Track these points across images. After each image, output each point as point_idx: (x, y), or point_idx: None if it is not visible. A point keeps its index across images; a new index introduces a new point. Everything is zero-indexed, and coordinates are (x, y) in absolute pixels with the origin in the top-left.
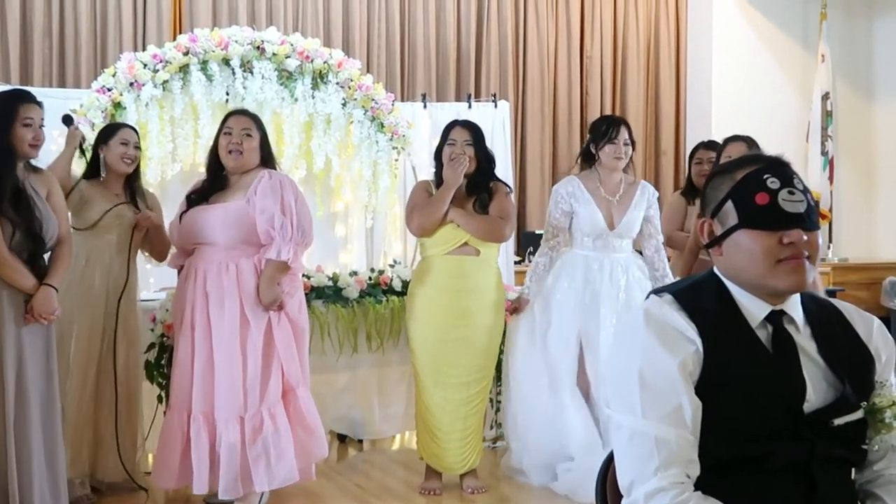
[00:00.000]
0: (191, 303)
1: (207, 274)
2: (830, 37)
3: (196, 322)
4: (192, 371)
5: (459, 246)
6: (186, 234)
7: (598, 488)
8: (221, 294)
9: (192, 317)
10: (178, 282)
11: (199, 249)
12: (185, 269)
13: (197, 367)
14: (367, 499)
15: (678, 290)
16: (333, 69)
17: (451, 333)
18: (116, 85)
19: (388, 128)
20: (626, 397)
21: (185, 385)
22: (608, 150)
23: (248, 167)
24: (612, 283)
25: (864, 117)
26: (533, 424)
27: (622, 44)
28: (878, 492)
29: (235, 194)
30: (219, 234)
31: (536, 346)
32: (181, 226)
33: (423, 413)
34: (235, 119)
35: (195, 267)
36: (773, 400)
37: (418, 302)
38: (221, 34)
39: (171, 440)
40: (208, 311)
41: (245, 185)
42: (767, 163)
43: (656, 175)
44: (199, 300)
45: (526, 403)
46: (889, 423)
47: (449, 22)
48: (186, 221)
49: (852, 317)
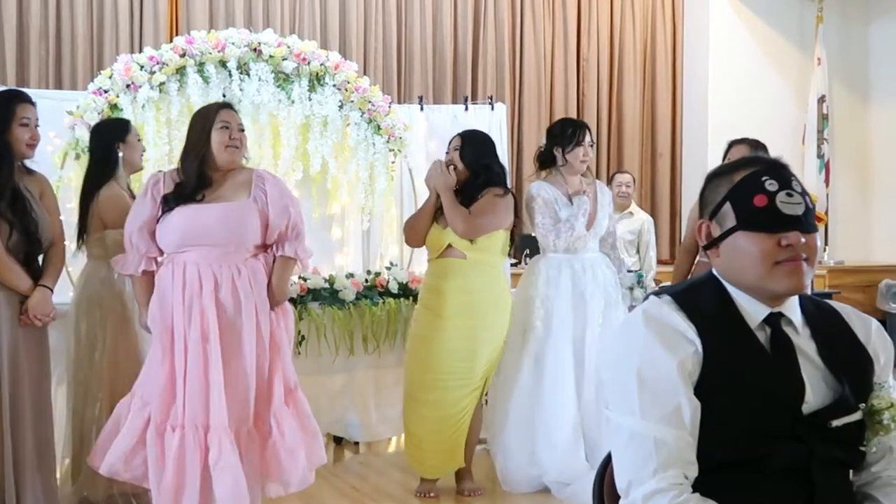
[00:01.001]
0: (197, 310)
1: (220, 279)
2: (827, 40)
3: (190, 329)
4: (183, 382)
5: (444, 249)
6: (180, 235)
7: (595, 489)
8: (238, 300)
9: (186, 324)
10: (162, 287)
11: (196, 251)
12: (173, 273)
13: (196, 377)
14: (363, 501)
15: (677, 292)
16: (330, 71)
17: (437, 334)
18: (113, 87)
19: (385, 130)
20: (625, 398)
21: (167, 395)
22: (577, 152)
23: (239, 164)
24: (595, 284)
25: (860, 120)
26: (525, 437)
27: (619, 46)
28: (875, 494)
29: (235, 193)
30: (225, 234)
31: (532, 356)
32: (170, 227)
33: (407, 416)
34: (229, 113)
35: (195, 271)
36: (772, 401)
37: (420, 303)
38: (218, 36)
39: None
40: (208, 318)
41: (240, 183)
42: (766, 165)
43: (653, 177)
44: (198, 306)
45: (517, 414)
46: (887, 424)
47: (446, 24)
48: (180, 223)
49: (851, 318)
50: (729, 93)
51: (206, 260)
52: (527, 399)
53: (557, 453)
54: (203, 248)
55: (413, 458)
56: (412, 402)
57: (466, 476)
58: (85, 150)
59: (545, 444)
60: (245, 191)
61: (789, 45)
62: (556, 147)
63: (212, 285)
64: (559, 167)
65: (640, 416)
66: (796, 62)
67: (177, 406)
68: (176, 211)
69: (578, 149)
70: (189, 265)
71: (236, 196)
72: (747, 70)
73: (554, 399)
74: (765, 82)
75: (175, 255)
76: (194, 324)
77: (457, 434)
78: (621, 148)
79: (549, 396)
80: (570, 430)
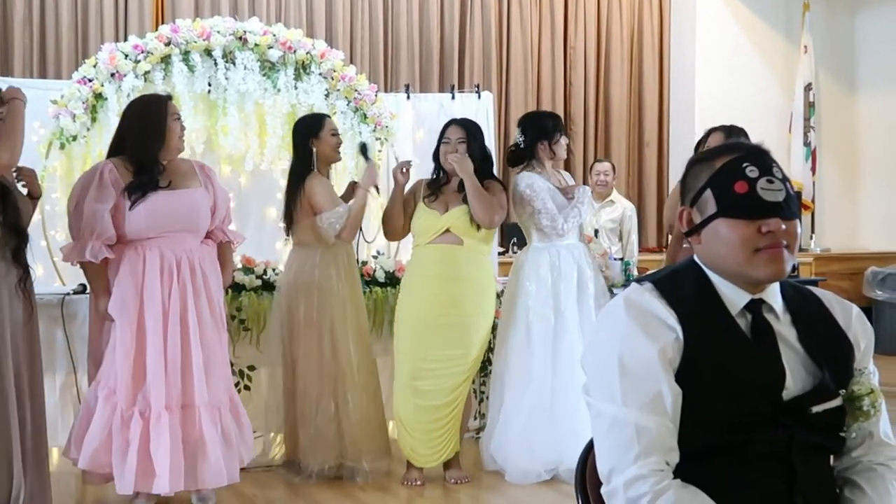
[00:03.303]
0: (162, 293)
1: (181, 263)
2: (813, 28)
3: (170, 313)
4: (164, 364)
5: (441, 234)
6: (158, 222)
7: (577, 476)
8: (201, 283)
9: (166, 308)
10: (135, 272)
11: (169, 237)
12: (145, 259)
13: (170, 359)
14: (350, 490)
15: (658, 279)
16: (316, 60)
17: (434, 321)
18: (97, 76)
19: (372, 119)
20: (606, 385)
21: (137, 381)
22: (562, 143)
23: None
24: (592, 270)
25: (846, 108)
26: (543, 428)
27: (606, 35)
28: (856, 478)
29: (187, 181)
30: (196, 221)
31: (548, 346)
32: (145, 214)
33: (399, 404)
34: (175, 105)
35: (159, 256)
36: (753, 387)
37: (407, 290)
38: (203, 24)
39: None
40: (187, 302)
41: (185, 172)
42: (747, 151)
43: (640, 165)
44: (176, 290)
45: (533, 403)
46: (867, 410)
47: (432, 12)
48: (157, 209)
49: (832, 305)
50: (716, 81)
51: (180, 245)
52: (548, 389)
53: (580, 443)
54: (176, 234)
55: (407, 448)
56: (405, 392)
57: (454, 464)
58: (69, 140)
59: (569, 434)
60: (194, 179)
61: (776, 33)
62: (540, 141)
63: (188, 269)
64: (539, 160)
65: (622, 403)
66: (783, 50)
67: (148, 390)
68: (151, 198)
69: (565, 138)
70: (165, 250)
71: (190, 183)
72: (734, 58)
73: (572, 387)
74: (751, 70)
75: (145, 241)
76: (174, 307)
77: (451, 422)
78: (608, 136)
79: (565, 386)
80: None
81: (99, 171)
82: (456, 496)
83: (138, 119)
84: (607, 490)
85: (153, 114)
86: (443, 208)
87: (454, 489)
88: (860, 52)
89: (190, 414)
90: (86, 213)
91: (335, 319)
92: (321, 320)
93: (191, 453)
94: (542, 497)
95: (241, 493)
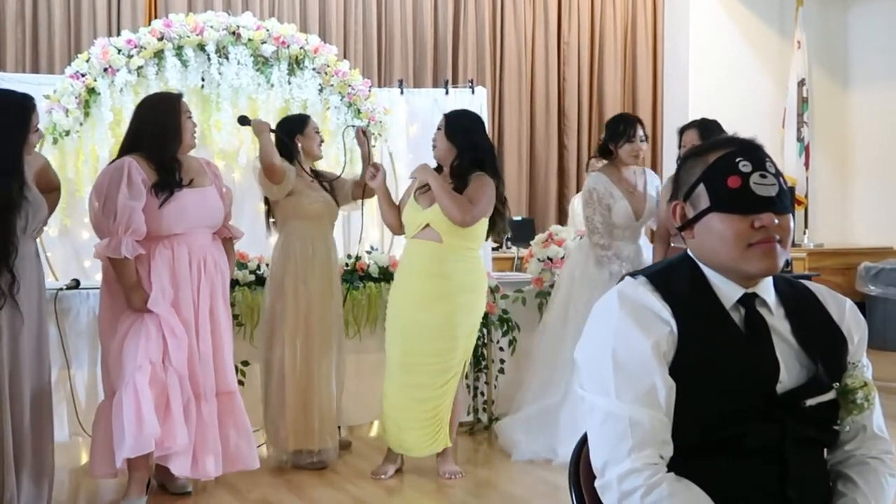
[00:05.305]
0: (192, 287)
1: (206, 258)
2: (806, 23)
3: (200, 306)
4: (197, 354)
5: (422, 229)
6: (191, 218)
7: (571, 469)
8: (220, 277)
9: (196, 301)
10: (158, 269)
11: (196, 233)
12: (168, 255)
13: (203, 350)
14: (342, 484)
15: (652, 272)
16: (310, 55)
17: (414, 316)
18: (90, 70)
19: (365, 114)
20: (600, 379)
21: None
22: (627, 148)
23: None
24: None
25: (839, 104)
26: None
27: (599, 30)
28: (849, 472)
29: (201, 178)
30: (216, 217)
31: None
32: (178, 211)
33: (387, 395)
34: (186, 103)
35: (187, 252)
36: (746, 381)
37: (394, 285)
38: (196, 19)
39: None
40: (212, 295)
41: (197, 169)
42: (740, 146)
43: None
44: (205, 284)
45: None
46: (860, 403)
47: (426, 8)
48: (189, 206)
49: (825, 298)
50: (709, 76)
51: (200, 241)
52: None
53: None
54: (199, 230)
55: (392, 437)
56: (392, 384)
57: (448, 458)
58: (62, 135)
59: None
60: (206, 177)
61: (769, 28)
62: (610, 142)
63: (212, 264)
64: (614, 160)
65: (616, 397)
66: (776, 46)
67: (192, 378)
68: (178, 196)
69: (630, 145)
70: (192, 245)
71: (204, 181)
72: (728, 53)
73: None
74: (745, 66)
75: (173, 237)
76: (203, 300)
77: (437, 416)
78: (602, 132)
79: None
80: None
81: (126, 169)
82: (450, 491)
83: (156, 118)
84: (601, 483)
85: (170, 112)
86: (427, 202)
87: (448, 484)
88: (853, 47)
89: (224, 401)
90: (119, 209)
91: (299, 301)
92: (287, 307)
93: (227, 438)
94: (534, 490)
95: (231, 485)
